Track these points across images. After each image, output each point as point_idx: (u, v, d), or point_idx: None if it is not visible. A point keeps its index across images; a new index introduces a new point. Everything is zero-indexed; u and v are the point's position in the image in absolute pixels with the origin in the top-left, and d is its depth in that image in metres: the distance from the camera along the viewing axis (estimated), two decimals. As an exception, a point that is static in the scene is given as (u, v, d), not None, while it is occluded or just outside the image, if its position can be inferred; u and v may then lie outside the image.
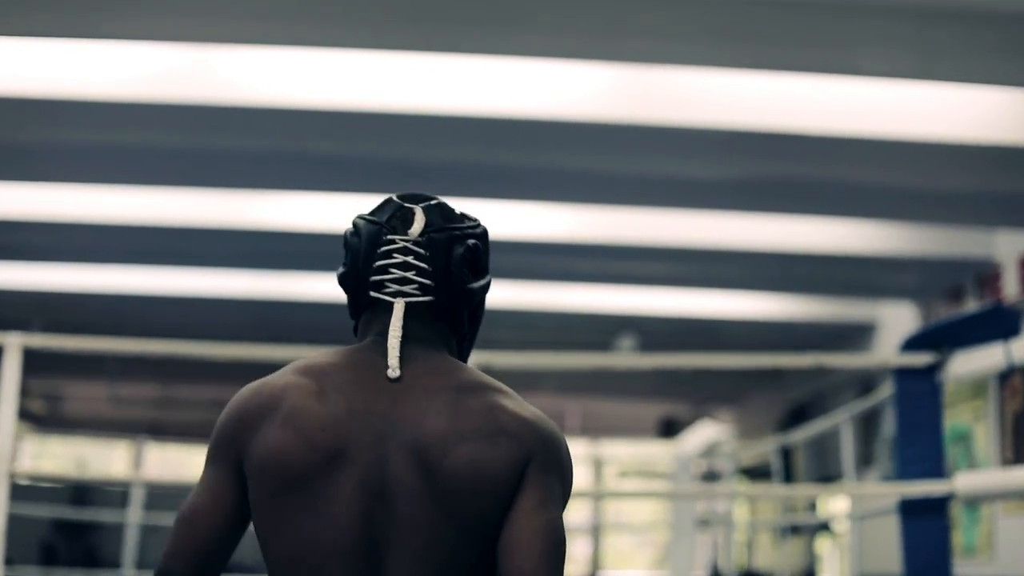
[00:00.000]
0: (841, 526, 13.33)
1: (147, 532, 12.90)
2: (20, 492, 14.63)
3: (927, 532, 4.62)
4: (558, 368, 8.26)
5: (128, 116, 6.43)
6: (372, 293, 1.96)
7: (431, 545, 1.79)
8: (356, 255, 1.97)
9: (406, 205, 2.00)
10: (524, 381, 15.33)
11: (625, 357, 5.18)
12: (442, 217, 2.01)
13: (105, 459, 19.21)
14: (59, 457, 19.00)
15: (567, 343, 13.04)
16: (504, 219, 8.65)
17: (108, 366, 14.12)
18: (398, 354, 1.90)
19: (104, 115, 6.42)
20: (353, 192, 8.05)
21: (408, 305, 1.95)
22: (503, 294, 10.88)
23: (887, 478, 10.43)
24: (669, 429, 17.39)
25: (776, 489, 5.40)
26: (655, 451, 18.10)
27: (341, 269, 2.02)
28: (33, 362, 14.42)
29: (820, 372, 13.07)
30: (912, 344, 4.84)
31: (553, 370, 13.68)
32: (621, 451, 19.73)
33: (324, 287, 10.64)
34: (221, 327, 12.40)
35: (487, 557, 1.82)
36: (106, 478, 14.70)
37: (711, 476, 13.22)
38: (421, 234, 1.97)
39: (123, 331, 13.28)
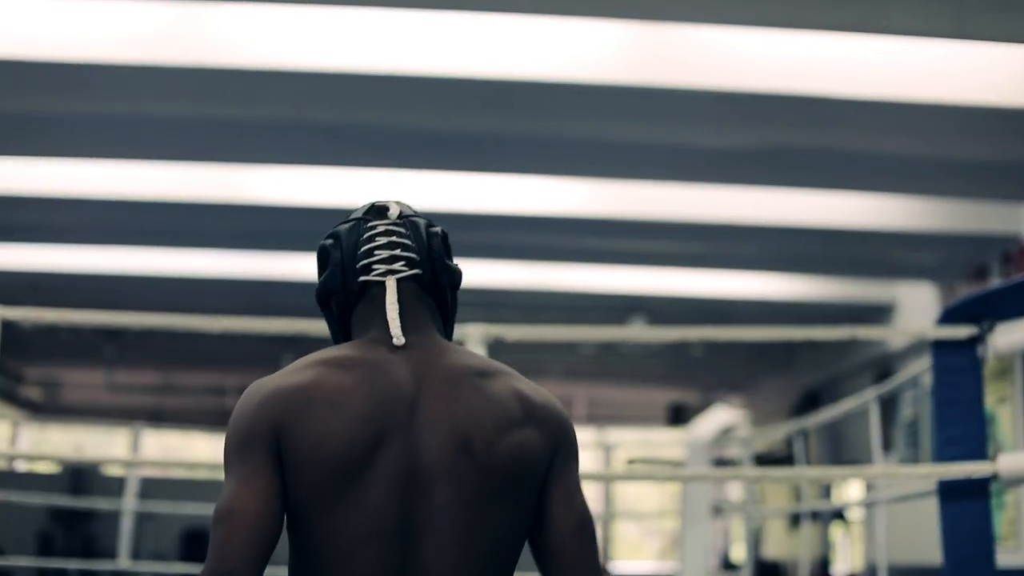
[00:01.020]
0: (855, 514, 13.04)
1: (143, 521, 12.59)
2: (16, 480, 14.37)
3: (968, 517, 4.29)
4: (578, 340, 7.93)
5: (118, 80, 6.11)
6: (362, 278, 2.00)
7: (469, 528, 1.85)
8: (340, 253, 2.03)
9: (377, 203, 2.09)
10: (531, 367, 15.01)
11: (648, 331, 4.86)
12: (412, 209, 2.11)
13: (105, 447, 18.93)
14: (58, 445, 18.72)
15: (575, 325, 12.73)
16: (511, 193, 8.33)
17: (106, 352, 13.86)
18: (399, 323, 1.97)
19: (92, 80, 6.10)
20: (355, 166, 7.75)
21: (400, 283, 2.01)
22: (508, 273, 10.56)
23: (905, 463, 10.14)
24: (678, 416, 17.09)
25: (809, 472, 5.07)
26: (663, 438, 17.79)
27: (321, 281, 2.06)
28: (30, 349, 14.15)
29: (834, 357, 12.77)
30: (951, 316, 4.50)
31: (573, 343, 13.39)
32: (629, 439, 19.44)
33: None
34: (221, 310, 12.06)
35: (518, 536, 1.91)
36: (97, 459, 14.39)
37: (720, 464, 12.90)
38: (399, 217, 2.05)
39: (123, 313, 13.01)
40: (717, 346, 13.67)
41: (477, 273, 10.54)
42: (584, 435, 19.57)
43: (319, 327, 4.81)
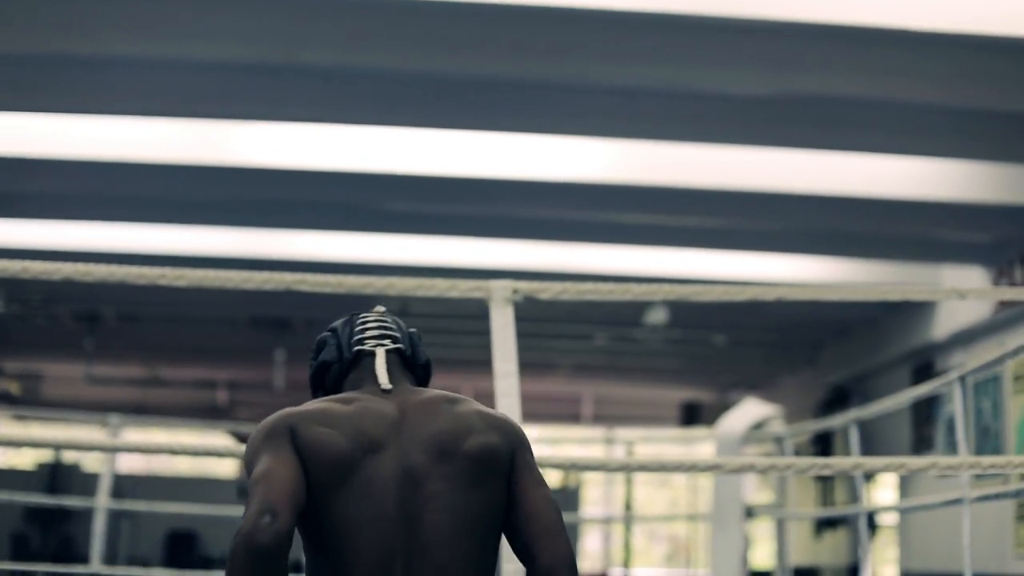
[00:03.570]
0: (887, 519, 12.23)
1: (120, 521, 11.78)
2: (-9, 478, 13.57)
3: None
4: (610, 300, 7.15)
5: (71, 9, 5.28)
6: (356, 348, 2.55)
7: (454, 510, 2.34)
8: (336, 337, 2.59)
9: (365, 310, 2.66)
10: (539, 360, 14.06)
11: (707, 290, 4.02)
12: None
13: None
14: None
15: (589, 317, 11.90)
16: (520, 155, 7.49)
17: (85, 343, 13.03)
18: (387, 375, 2.52)
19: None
20: (351, 123, 6.92)
21: (385, 354, 2.56)
22: (512, 253, 9.72)
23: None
24: (691, 416, 16.27)
25: (912, 463, 4.14)
26: (677, 438, 16.98)
27: (318, 359, 2.58)
28: (6, 340, 13.21)
29: (864, 352, 11.96)
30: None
31: (586, 334, 12.54)
32: (642, 439, 18.64)
33: (334, 246, 9.50)
34: (212, 295, 11.22)
35: (497, 519, 2.39)
36: (64, 442, 13.61)
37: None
38: (383, 314, 2.65)
39: (102, 301, 12.19)
40: (739, 338, 12.86)
41: (475, 252, 9.68)
42: (591, 432, 18.79)
43: (310, 281, 4.02)
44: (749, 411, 8.61)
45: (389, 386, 2.47)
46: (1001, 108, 6.33)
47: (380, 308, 2.63)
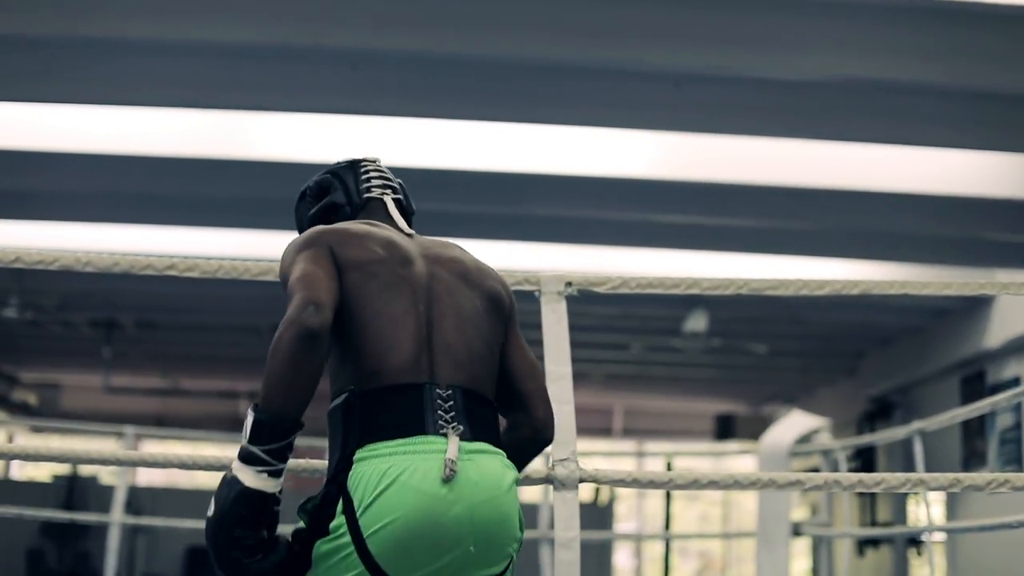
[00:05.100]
0: (934, 539, 11.75)
1: (136, 536, 11.43)
2: (6, 491, 13.24)
3: None
4: (667, 294, 6.75)
5: None
6: (366, 195, 2.84)
7: (468, 320, 2.58)
8: (342, 182, 2.85)
9: (360, 156, 2.95)
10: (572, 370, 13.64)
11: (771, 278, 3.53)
12: None
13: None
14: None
15: (625, 326, 11.48)
16: (556, 150, 7.08)
17: (103, 353, 12.67)
18: (405, 222, 2.84)
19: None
20: (378, 114, 6.51)
21: (393, 201, 2.87)
22: (551, 258, 9.30)
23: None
24: (726, 429, 15.82)
25: (1016, 479, 3.57)
26: (708, 451, 16.55)
27: (327, 200, 2.84)
28: (23, 349, 12.84)
29: (909, 362, 11.51)
30: None
31: (621, 343, 12.12)
32: (675, 454, 18.24)
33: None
34: (232, 301, 10.86)
35: (498, 345, 2.65)
36: (77, 455, 13.25)
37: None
38: (379, 163, 2.92)
39: (119, 309, 11.84)
40: (778, 347, 12.41)
41: (511, 256, 9.24)
42: (621, 446, 18.38)
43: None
44: (795, 423, 8.19)
45: (411, 231, 2.77)
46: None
47: (375, 156, 2.90)
